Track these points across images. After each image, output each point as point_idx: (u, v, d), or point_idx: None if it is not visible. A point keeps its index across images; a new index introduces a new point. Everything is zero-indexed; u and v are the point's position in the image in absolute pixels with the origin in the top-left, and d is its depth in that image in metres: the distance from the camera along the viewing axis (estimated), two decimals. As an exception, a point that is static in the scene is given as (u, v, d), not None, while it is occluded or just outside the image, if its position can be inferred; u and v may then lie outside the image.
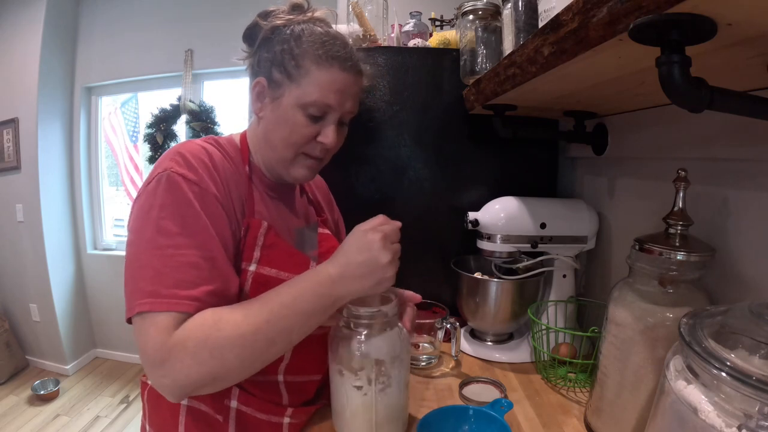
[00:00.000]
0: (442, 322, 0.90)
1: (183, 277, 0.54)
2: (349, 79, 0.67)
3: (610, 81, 0.59)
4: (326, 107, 0.66)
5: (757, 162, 0.58)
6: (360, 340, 0.62)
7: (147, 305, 0.52)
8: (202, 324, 0.53)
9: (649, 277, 0.60)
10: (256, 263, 0.65)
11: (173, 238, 0.55)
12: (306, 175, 0.72)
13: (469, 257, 1.08)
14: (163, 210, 0.56)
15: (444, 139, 1.10)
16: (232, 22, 2.66)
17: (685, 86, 0.35)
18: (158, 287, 0.53)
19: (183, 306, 0.53)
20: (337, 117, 0.68)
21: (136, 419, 2.35)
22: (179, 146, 0.63)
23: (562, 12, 0.46)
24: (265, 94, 0.68)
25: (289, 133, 0.67)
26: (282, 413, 0.68)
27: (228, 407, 0.66)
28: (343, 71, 0.66)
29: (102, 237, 3.02)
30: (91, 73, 2.81)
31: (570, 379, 0.82)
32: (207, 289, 0.55)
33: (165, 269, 0.54)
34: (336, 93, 0.66)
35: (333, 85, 0.65)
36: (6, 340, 2.72)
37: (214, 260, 0.58)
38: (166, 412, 0.68)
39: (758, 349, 0.37)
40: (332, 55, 0.65)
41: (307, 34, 0.66)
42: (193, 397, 0.66)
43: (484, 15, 0.91)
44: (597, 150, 0.97)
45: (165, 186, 0.57)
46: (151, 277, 0.54)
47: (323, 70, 0.64)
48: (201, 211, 0.58)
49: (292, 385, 0.71)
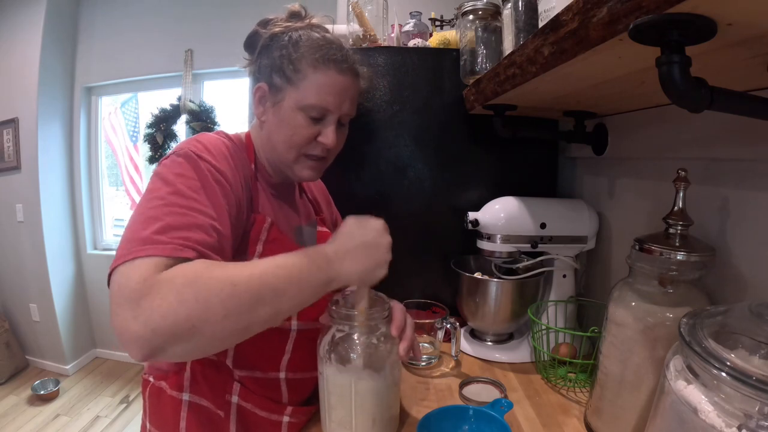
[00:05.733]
0: (442, 322, 0.90)
1: (192, 235, 0.51)
2: (345, 81, 0.69)
3: (610, 81, 0.59)
4: (324, 110, 0.68)
5: (757, 162, 0.58)
6: (348, 336, 0.63)
7: (147, 250, 0.48)
8: (194, 265, 0.49)
9: (649, 277, 0.60)
10: (258, 257, 0.66)
11: (189, 200, 0.54)
12: (311, 176, 0.74)
13: (469, 257, 1.08)
14: (182, 177, 0.56)
15: (444, 139, 1.10)
16: (232, 22, 2.68)
17: (685, 86, 0.35)
18: (163, 236, 0.49)
19: (187, 252, 0.49)
20: (336, 118, 0.70)
21: (136, 419, 2.35)
22: (198, 136, 0.66)
23: (562, 12, 0.46)
24: (267, 99, 0.70)
25: (290, 135, 0.69)
26: (282, 411, 0.69)
27: (229, 403, 0.67)
28: (340, 74, 0.68)
29: (102, 237, 3.02)
30: (91, 73, 2.81)
31: (570, 379, 0.82)
32: (211, 255, 0.53)
33: (175, 223, 0.51)
34: (333, 95, 0.68)
35: (330, 87, 0.67)
36: (6, 340, 2.72)
37: (222, 235, 0.57)
38: (168, 408, 0.68)
39: (758, 349, 0.37)
40: (328, 59, 0.67)
41: (304, 39, 0.68)
42: (194, 393, 0.67)
43: (484, 15, 0.91)
44: (597, 150, 0.97)
45: (184, 159, 0.58)
46: (159, 227, 0.50)
47: (320, 74, 0.67)
48: (216, 187, 0.58)
49: (293, 383, 0.72)
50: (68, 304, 2.84)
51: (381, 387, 0.63)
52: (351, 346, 0.63)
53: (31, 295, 2.77)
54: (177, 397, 0.67)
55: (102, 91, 2.89)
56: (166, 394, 0.68)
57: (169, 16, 2.65)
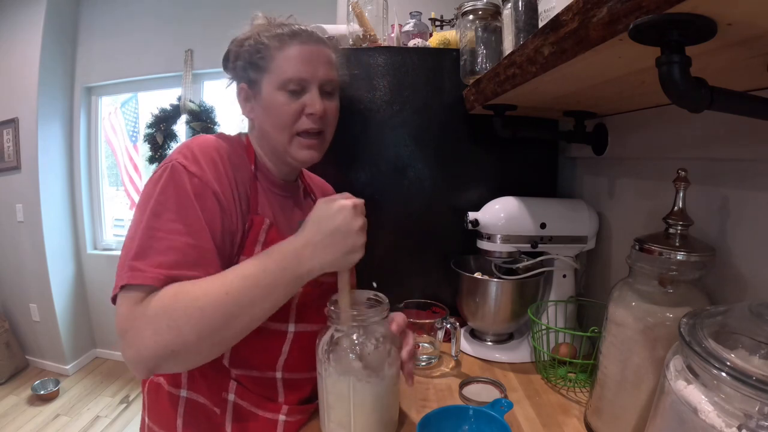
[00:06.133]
0: (442, 322, 0.90)
1: (165, 258, 0.55)
2: (312, 49, 0.71)
3: (610, 81, 0.59)
4: (301, 79, 0.70)
5: (757, 162, 0.58)
6: (346, 337, 0.63)
7: (125, 278, 0.54)
8: (163, 295, 0.53)
9: (649, 277, 0.60)
10: None
11: (166, 222, 0.57)
12: (310, 155, 0.74)
13: (469, 257, 1.08)
14: (162, 195, 0.58)
15: (444, 139, 1.10)
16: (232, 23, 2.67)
17: (685, 86, 0.35)
18: (139, 263, 0.54)
19: (151, 280, 0.54)
20: (317, 85, 0.71)
21: (136, 419, 2.35)
22: (191, 140, 0.67)
23: (562, 12, 0.46)
24: (250, 96, 0.73)
25: (277, 115, 0.70)
26: (278, 410, 0.70)
27: (225, 401, 0.67)
28: (304, 44, 0.70)
29: (102, 237, 3.02)
30: (91, 73, 2.80)
31: (570, 379, 0.82)
32: (186, 274, 0.56)
33: (150, 249, 0.55)
34: (304, 64, 0.70)
35: (299, 57, 0.70)
36: (6, 340, 2.72)
37: (202, 250, 0.59)
38: (166, 404, 0.69)
39: (758, 349, 0.37)
40: (290, 35, 0.70)
41: (266, 31, 0.71)
42: (191, 389, 0.68)
43: (484, 15, 0.91)
44: (597, 150, 0.97)
45: (168, 175, 0.60)
46: (135, 254, 0.55)
47: (286, 49, 0.69)
48: (196, 204, 0.60)
49: (290, 382, 0.72)
50: (68, 304, 2.84)
51: (379, 388, 0.63)
52: (349, 347, 0.63)
53: (31, 295, 2.77)
54: (175, 393, 0.68)
55: (102, 91, 2.89)
56: (164, 390, 0.69)
57: (169, 17, 2.65)
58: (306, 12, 0.82)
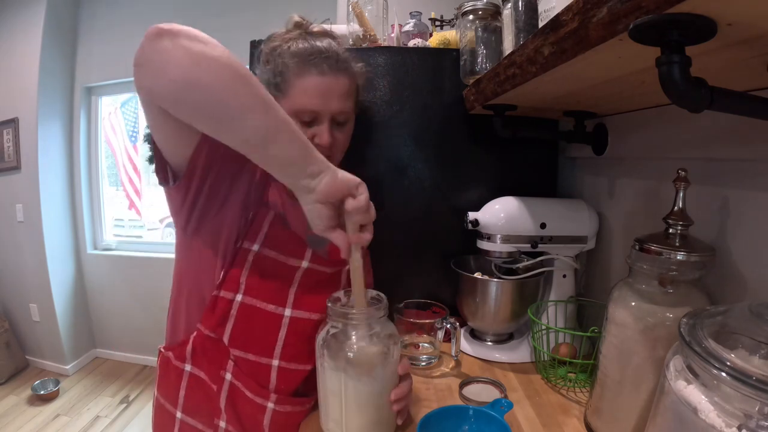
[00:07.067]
0: (442, 322, 0.90)
1: None
2: (328, 81, 0.72)
3: (610, 81, 0.59)
4: (313, 112, 0.72)
5: (757, 162, 0.58)
6: (341, 333, 0.63)
7: None
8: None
9: (649, 277, 0.60)
10: (260, 244, 0.71)
11: None
12: None
13: (469, 257, 1.08)
14: None
15: (444, 139, 1.10)
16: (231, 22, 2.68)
17: (685, 86, 0.35)
18: None
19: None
20: (328, 118, 0.73)
21: (136, 419, 2.35)
22: None
23: (562, 12, 0.46)
24: None
25: None
26: (266, 397, 0.72)
27: (222, 378, 0.71)
28: (320, 75, 0.72)
29: (102, 237, 3.02)
30: (91, 73, 2.81)
31: (570, 379, 0.82)
32: None
33: None
34: (318, 97, 0.72)
35: (314, 90, 0.71)
36: (6, 340, 2.72)
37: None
38: (172, 377, 0.74)
39: (758, 349, 0.37)
40: (309, 63, 0.71)
41: (289, 51, 0.72)
42: (194, 365, 0.72)
43: (484, 15, 0.91)
44: (597, 150, 0.97)
45: None
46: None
47: (302, 79, 0.71)
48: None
49: (285, 372, 0.73)
50: (68, 304, 2.84)
51: (372, 387, 0.63)
52: (344, 344, 0.63)
53: (31, 295, 2.77)
54: (180, 367, 0.73)
55: (102, 91, 2.89)
56: (171, 364, 0.74)
57: (168, 17, 2.64)
58: (306, 12, 0.82)
